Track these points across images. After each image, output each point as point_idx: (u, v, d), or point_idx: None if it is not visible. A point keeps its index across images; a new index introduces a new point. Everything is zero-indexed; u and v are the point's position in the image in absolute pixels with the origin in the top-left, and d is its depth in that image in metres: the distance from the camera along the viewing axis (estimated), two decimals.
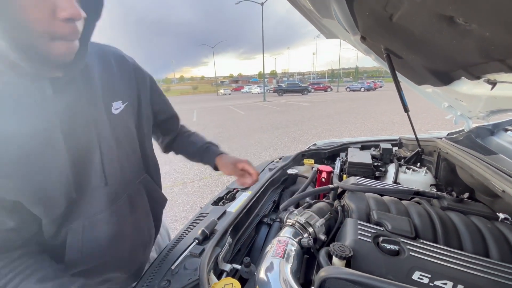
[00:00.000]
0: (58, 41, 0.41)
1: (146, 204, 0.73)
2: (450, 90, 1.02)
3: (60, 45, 0.41)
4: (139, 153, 0.70)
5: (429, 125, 6.85)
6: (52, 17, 0.39)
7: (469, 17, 0.49)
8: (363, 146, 1.58)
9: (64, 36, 0.41)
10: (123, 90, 0.64)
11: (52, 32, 0.40)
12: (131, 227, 0.66)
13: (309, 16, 1.13)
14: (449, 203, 0.74)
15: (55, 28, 0.39)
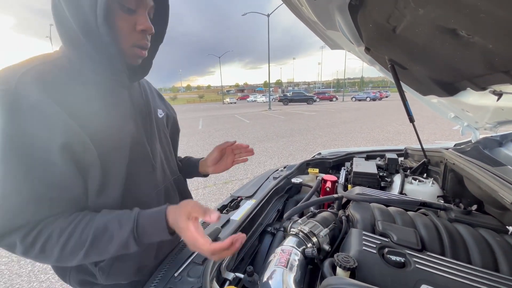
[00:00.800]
0: (136, 48, 0.56)
1: (177, 201, 0.75)
2: (456, 101, 1.02)
3: (136, 50, 0.57)
4: (173, 157, 0.81)
5: (436, 136, 6.76)
6: (133, 30, 0.54)
7: (471, 30, 0.50)
8: (368, 156, 1.57)
9: (140, 44, 0.56)
10: (160, 102, 0.79)
11: (133, 40, 0.55)
12: None
13: (314, 27, 1.15)
14: (456, 215, 0.72)
15: (134, 37, 0.55)
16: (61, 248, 0.48)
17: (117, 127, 0.57)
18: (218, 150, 0.84)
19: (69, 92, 0.50)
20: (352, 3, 0.77)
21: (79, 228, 0.49)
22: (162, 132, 0.74)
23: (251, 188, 1.15)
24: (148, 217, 0.52)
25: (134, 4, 0.53)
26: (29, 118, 0.45)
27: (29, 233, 0.47)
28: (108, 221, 0.51)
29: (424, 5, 0.51)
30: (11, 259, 2.31)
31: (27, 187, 0.46)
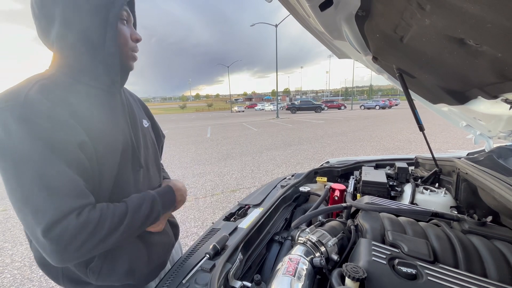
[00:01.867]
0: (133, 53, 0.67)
1: None
2: (467, 109, 1.00)
3: (135, 55, 0.68)
4: (159, 163, 0.84)
5: (449, 145, 6.58)
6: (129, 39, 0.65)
7: (479, 40, 0.50)
8: (378, 165, 1.55)
9: (136, 49, 0.68)
10: (143, 113, 0.84)
11: (131, 47, 0.66)
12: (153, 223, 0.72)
13: (321, 38, 1.17)
14: (470, 227, 0.70)
15: (131, 46, 0.66)
16: (111, 217, 0.55)
17: (112, 131, 0.62)
18: None
19: (70, 102, 0.55)
20: (359, 14, 0.78)
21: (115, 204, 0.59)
22: (149, 140, 0.79)
23: (258, 196, 1.16)
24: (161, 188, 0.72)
25: (126, 17, 0.64)
26: (47, 124, 0.50)
27: (82, 211, 0.52)
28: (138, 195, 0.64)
29: (430, 15, 0.51)
30: (23, 263, 2.36)
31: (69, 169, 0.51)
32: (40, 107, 0.50)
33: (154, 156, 0.80)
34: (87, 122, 0.57)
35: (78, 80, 0.60)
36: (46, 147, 0.49)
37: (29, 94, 0.50)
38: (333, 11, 0.80)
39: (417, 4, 0.50)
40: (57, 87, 0.56)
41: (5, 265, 2.35)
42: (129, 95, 0.81)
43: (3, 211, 3.59)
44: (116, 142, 0.63)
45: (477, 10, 0.39)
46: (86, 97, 0.60)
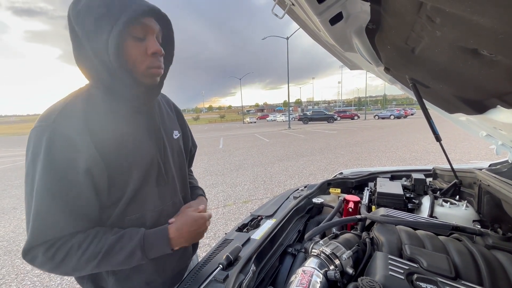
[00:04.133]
0: (151, 69, 0.63)
1: None
2: (486, 119, 0.97)
3: (152, 71, 0.64)
4: (185, 174, 0.86)
5: (471, 155, 6.28)
6: (145, 54, 0.62)
7: (493, 50, 0.50)
8: (393, 176, 1.51)
9: (154, 65, 0.64)
10: (176, 123, 0.85)
11: (146, 63, 0.62)
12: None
13: (332, 50, 1.19)
14: (494, 241, 0.67)
15: (148, 61, 0.63)
16: (78, 258, 0.55)
17: (133, 151, 0.64)
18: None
19: (92, 123, 0.59)
20: (369, 27, 0.80)
21: (95, 240, 0.57)
22: (176, 152, 0.79)
23: (271, 207, 1.15)
24: (153, 231, 0.64)
25: (142, 33, 0.61)
26: (61, 146, 0.54)
27: (53, 245, 0.54)
28: (121, 235, 0.60)
29: (441, 28, 0.52)
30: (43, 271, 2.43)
31: (56, 205, 0.54)
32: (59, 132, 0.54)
33: (180, 167, 0.81)
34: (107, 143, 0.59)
35: (104, 96, 0.63)
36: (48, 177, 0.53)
37: (57, 119, 0.55)
38: (343, 25, 0.82)
39: (427, 17, 0.51)
40: (82, 110, 0.59)
41: (26, 272, 2.43)
42: (165, 104, 0.83)
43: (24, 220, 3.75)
44: (139, 159, 0.65)
45: (487, 22, 0.39)
46: (106, 117, 0.62)
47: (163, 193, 0.71)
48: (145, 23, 0.61)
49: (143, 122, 0.69)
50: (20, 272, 2.43)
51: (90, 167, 0.56)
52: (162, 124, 0.75)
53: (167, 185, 0.73)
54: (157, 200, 0.70)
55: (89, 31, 0.56)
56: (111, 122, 0.62)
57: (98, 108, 0.61)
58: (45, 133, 0.54)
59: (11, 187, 5.69)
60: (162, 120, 0.77)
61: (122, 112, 0.65)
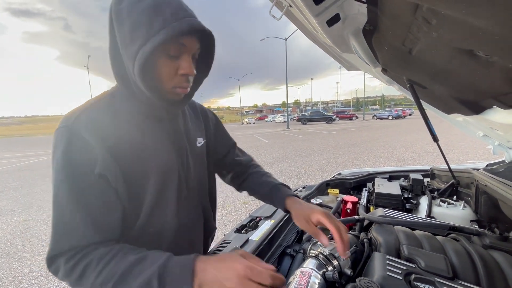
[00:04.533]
0: (177, 88, 0.60)
1: (201, 229, 0.77)
2: (483, 119, 0.97)
3: (178, 90, 0.60)
4: (206, 183, 0.81)
5: (468, 155, 6.32)
6: (175, 74, 0.58)
7: (488, 51, 0.50)
8: (391, 176, 1.52)
9: (181, 85, 0.60)
10: (201, 129, 0.81)
11: (174, 83, 0.59)
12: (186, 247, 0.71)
13: (329, 51, 1.20)
14: (491, 241, 0.67)
15: (176, 80, 0.59)
16: (96, 275, 0.49)
17: (151, 159, 0.61)
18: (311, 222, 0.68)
19: (111, 129, 0.57)
20: (366, 28, 0.80)
21: (116, 258, 0.50)
22: (198, 163, 0.75)
23: (270, 208, 1.15)
24: (176, 261, 0.50)
25: (178, 51, 0.56)
26: (77, 149, 0.53)
27: (73, 257, 0.51)
28: (143, 256, 0.51)
29: (437, 29, 0.52)
30: (40, 273, 2.42)
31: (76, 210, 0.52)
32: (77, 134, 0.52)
33: (202, 178, 0.78)
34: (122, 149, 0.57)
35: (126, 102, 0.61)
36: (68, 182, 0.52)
37: (76, 121, 0.54)
38: (340, 26, 0.83)
39: (423, 18, 0.52)
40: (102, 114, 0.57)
41: (23, 274, 2.41)
42: (190, 110, 0.80)
43: (23, 221, 3.73)
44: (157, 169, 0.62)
45: (482, 23, 0.39)
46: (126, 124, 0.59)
47: (182, 206, 0.68)
48: (184, 43, 0.56)
49: (165, 130, 0.66)
50: (17, 275, 2.41)
51: (104, 173, 0.54)
52: (186, 133, 0.72)
53: (187, 198, 0.70)
54: (175, 212, 0.67)
55: (125, 35, 0.53)
56: (130, 128, 0.60)
57: (119, 113, 0.59)
58: (64, 134, 0.53)
59: (8, 189, 5.66)
60: (186, 128, 0.73)
61: (144, 119, 0.62)
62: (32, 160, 10.12)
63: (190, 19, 0.54)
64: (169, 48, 0.55)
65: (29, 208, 4.31)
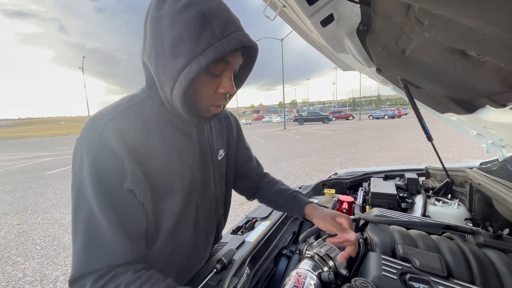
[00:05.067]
0: (213, 107, 0.56)
1: (211, 242, 0.76)
2: (476, 118, 0.98)
3: (213, 109, 0.57)
4: (223, 195, 0.78)
5: (463, 154, 6.39)
6: (215, 92, 0.54)
7: (480, 51, 0.50)
8: (387, 176, 1.52)
9: (218, 104, 0.56)
10: (223, 139, 0.77)
11: (212, 101, 0.55)
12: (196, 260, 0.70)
13: (324, 51, 1.20)
14: (485, 240, 0.67)
15: (215, 98, 0.55)
16: None
17: (177, 177, 0.58)
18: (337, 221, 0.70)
19: (140, 141, 0.53)
20: (360, 28, 0.80)
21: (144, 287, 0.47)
22: (218, 175, 0.73)
23: (266, 209, 1.15)
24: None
25: (221, 69, 0.52)
26: (106, 161, 0.48)
27: (103, 277, 0.47)
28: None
29: (429, 29, 0.52)
30: (35, 278, 2.38)
31: (111, 227, 0.47)
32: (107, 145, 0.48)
33: (220, 190, 0.75)
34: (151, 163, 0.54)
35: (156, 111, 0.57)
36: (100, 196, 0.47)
37: (105, 130, 0.48)
38: (334, 27, 0.83)
39: (415, 18, 0.52)
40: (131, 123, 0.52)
41: (17, 279, 2.38)
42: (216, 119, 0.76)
43: (17, 225, 3.67)
44: (180, 185, 0.59)
45: (473, 23, 0.39)
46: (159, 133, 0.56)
47: (199, 222, 0.66)
48: (229, 60, 0.51)
49: (193, 145, 0.63)
50: (11, 280, 2.37)
51: (132, 187, 0.51)
52: (210, 146, 0.69)
53: (206, 214, 0.68)
54: (192, 230, 0.64)
55: (164, 49, 0.47)
56: (159, 142, 0.56)
57: (149, 123, 0.55)
58: (92, 144, 0.47)
59: (2, 192, 5.58)
60: (210, 141, 0.69)
61: (173, 131, 0.59)
62: (26, 163, 9.99)
63: (239, 34, 0.48)
64: (213, 67, 0.50)
65: (23, 211, 4.25)
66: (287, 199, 0.81)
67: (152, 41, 0.48)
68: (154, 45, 0.48)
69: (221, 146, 0.75)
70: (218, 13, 0.46)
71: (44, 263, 2.61)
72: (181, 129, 0.60)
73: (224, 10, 0.48)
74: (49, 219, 3.80)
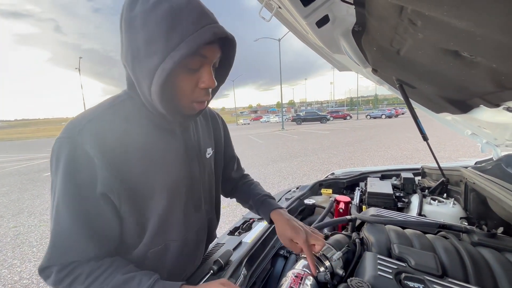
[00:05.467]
0: (195, 103, 0.55)
1: (204, 241, 0.76)
2: (471, 118, 0.99)
3: (196, 105, 0.56)
4: (214, 194, 0.78)
5: (459, 153, 6.43)
6: (196, 87, 0.53)
7: (472, 52, 0.51)
8: (383, 176, 1.53)
9: (200, 99, 0.55)
10: (211, 138, 0.77)
11: (193, 97, 0.54)
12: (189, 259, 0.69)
13: (320, 52, 1.20)
14: (480, 238, 0.68)
15: (196, 94, 0.54)
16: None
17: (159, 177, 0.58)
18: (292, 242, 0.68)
19: (118, 144, 0.52)
20: (355, 29, 0.81)
21: (104, 274, 0.51)
22: (207, 174, 0.72)
23: None
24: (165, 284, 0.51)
25: (199, 64, 0.51)
26: (80, 165, 0.49)
27: (65, 267, 0.50)
28: (131, 277, 0.51)
29: (423, 30, 0.53)
30: (31, 281, 2.36)
31: (76, 226, 0.50)
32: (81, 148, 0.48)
33: (210, 190, 0.75)
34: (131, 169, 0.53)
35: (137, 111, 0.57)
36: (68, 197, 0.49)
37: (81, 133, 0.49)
38: (330, 27, 0.83)
39: (409, 20, 0.52)
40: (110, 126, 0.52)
41: (13, 282, 2.36)
42: (202, 118, 0.76)
43: (13, 227, 3.64)
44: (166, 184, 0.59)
45: (465, 25, 0.40)
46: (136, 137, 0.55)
47: (189, 220, 0.66)
48: (205, 54, 0.50)
49: (177, 144, 0.62)
50: (7, 283, 2.35)
51: (106, 193, 0.51)
52: (197, 144, 0.69)
53: (195, 212, 0.68)
54: (182, 228, 0.64)
55: (139, 49, 0.47)
56: (140, 142, 0.55)
57: (129, 123, 0.55)
58: (67, 146, 0.48)
59: None
60: (197, 139, 0.69)
61: (156, 131, 0.58)
62: (22, 165, 9.91)
63: (213, 26, 0.48)
64: (191, 61, 0.50)
65: (19, 213, 4.21)
66: (256, 202, 0.81)
67: (127, 42, 0.49)
68: (130, 46, 0.49)
69: (209, 144, 0.74)
70: (189, 8, 0.47)
71: None
72: (164, 127, 0.60)
73: (195, 4, 0.48)
74: (46, 221, 3.77)
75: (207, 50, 0.50)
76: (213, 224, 0.79)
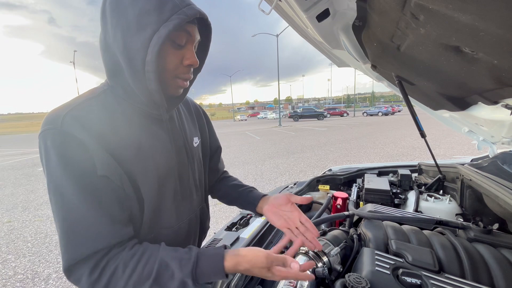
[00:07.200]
0: (178, 79, 0.59)
1: (197, 232, 0.75)
2: (468, 115, 1.00)
3: (179, 81, 0.59)
4: (203, 184, 0.78)
5: (454, 150, 6.50)
6: (180, 64, 0.57)
7: (474, 48, 0.51)
8: (381, 172, 1.54)
9: (184, 76, 0.59)
10: (196, 128, 0.79)
11: (177, 72, 0.57)
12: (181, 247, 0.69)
13: (320, 47, 1.19)
14: (476, 234, 0.69)
15: (180, 70, 0.58)
16: (125, 282, 0.48)
17: (150, 162, 0.58)
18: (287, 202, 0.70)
19: (107, 128, 0.53)
20: (356, 24, 0.80)
21: (142, 261, 0.50)
22: (196, 162, 0.73)
23: None
24: (206, 259, 0.52)
25: (184, 40, 0.55)
26: (73, 150, 0.48)
27: (97, 266, 0.48)
28: (170, 258, 0.51)
29: (425, 25, 0.52)
30: (26, 276, 2.34)
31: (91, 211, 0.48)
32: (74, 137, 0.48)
33: (199, 179, 0.75)
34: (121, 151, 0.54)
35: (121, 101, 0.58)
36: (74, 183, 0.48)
37: (65, 121, 0.49)
38: (330, 22, 0.82)
39: (411, 14, 0.51)
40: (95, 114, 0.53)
41: (8, 277, 2.34)
42: (184, 108, 0.77)
43: (7, 222, 3.60)
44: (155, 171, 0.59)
45: (469, 19, 0.39)
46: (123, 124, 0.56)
47: (179, 208, 0.66)
48: (190, 31, 0.55)
49: (164, 131, 0.63)
50: (1, 278, 2.33)
51: (107, 175, 0.51)
52: (183, 133, 0.70)
53: (185, 200, 0.68)
54: (173, 217, 0.65)
55: (129, 24, 0.49)
56: (128, 129, 0.56)
57: (115, 112, 0.56)
58: (53, 136, 0.48)
59: None
60: (183, 128, 0.70)
61: (142, 119, 0.59)
62: (16, 159, 9.78)
63: (195, 6, 0.54)
64: (178, 36, 0.54)
65: (14, 208, 4.16)
66: (242, 192, 0.81)
67: (116, 21, 0.50)
68: (119, 24, 0.50)
69: (195, 134, 0.76)
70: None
71: (35, 261, 2.58)
72: (149, 115, 0.61)
73: None
74: (41, 216, 3.74)
75: (191, 29, 0.55)
76: (204, 214, 0.79)
